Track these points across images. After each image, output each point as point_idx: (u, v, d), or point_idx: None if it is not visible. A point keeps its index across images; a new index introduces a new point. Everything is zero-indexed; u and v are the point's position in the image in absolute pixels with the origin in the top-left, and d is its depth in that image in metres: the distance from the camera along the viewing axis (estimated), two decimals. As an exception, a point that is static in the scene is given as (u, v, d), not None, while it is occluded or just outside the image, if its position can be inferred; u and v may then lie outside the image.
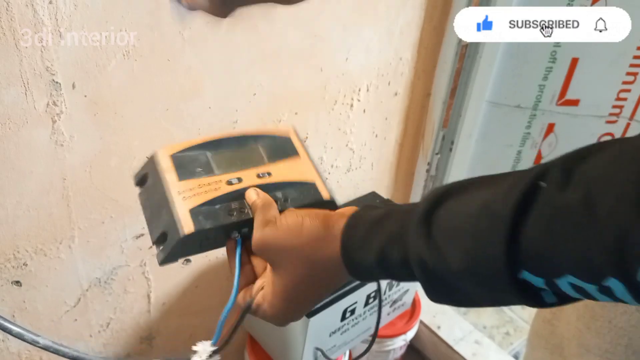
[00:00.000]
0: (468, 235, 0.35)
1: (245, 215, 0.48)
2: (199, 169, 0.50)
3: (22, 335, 0.45)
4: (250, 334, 1.16)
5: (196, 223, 0.46)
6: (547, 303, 0.34)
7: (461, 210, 0.36)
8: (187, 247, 0.47)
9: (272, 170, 0.52)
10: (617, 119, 1.23)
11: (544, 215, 0.31)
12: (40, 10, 0.65)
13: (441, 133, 1.31)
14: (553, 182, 0.32)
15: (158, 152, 0.52)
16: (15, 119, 0.70)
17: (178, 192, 0.48)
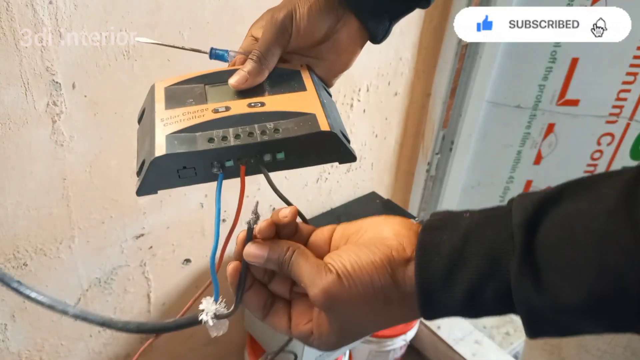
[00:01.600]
0: (590, 271, 0.29)
1: (227, 144, 0.42)
2: (190, 100, 0.47)
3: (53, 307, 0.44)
4: (250, 334, 1.16)
5: (169, 147, 0.42)
6: None
7: (571, 236, 0.30)
8: (163, 176, 0.43)
9: (268, 101, 0.47)
10: (617, 119, 1.23)
11: None
12: (40, 10, 0.65)
13: (441, 133, 1.31)
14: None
15: (156, 84, 0.50)
16: (15, 119, 0.70)
17: (161, 120, 0.45)
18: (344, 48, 0.52)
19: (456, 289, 0.34)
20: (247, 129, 0.43)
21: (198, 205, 0.97)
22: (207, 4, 0.80)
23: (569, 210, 0.31)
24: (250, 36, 0.52)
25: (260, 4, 0.86)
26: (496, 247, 0.33)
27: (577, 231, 0.30)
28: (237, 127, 0.44)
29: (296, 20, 0.48)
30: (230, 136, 0.43)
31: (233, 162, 0.43)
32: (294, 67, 0.51)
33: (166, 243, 0.97)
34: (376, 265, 0.37)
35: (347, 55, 0.53)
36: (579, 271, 0.30)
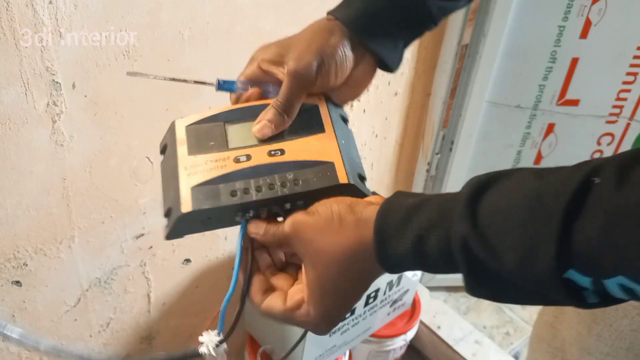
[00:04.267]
0: (517, 228, 0.33)
1: (249, 197, 0.45)
2: (212, 143, 0.48)
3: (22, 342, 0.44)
4: (250, 334, 1.16)
5: (195, 202, 0.44)
6: (588, 303, 0.33)
7: (509, 200, 0.34)
8: (189, 225, 0.46)
9: (287, 147, 0.48)
10: (617, 119, 1.23)
11: (600, 214, 0.30)
12: (40, 10, 0.65)
13: (441, 133, 1.31)
14: (608, 181, 0.30)
15: (176, 122, 0.51)
16: (15, 119, 0.70)
17: (185, 168, 0.46)
18: (357, 83, 0.54)
19: (407, 236, 0.38)
20: (267, 181, 0.46)
21: (198, 205, 0.97)
22: (207, 4, 0.80)
23: (514, 179, 0.35)
24: (258, 67, 0.52)
25: (260, 3, 0.86)
26: (448, 204, 0.37)
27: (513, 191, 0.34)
28: (259, 178, 0.46)
29: (322, 72, 0.49)
30: (252, 189, 0.45)
31: (254, 212, 0.46)
32: (312, 101, 0.51)
33: (166, 243, 0.97)
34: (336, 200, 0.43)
35: (359, 88, 0.55)
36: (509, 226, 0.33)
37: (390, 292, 1.14)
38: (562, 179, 0.33)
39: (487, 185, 0.36)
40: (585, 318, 0.73)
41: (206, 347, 0.45)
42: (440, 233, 0.37)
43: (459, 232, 0.35)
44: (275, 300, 0.45)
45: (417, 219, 0.38)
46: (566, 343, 0.77)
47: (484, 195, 0.36)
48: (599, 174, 0.31)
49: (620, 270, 0.29)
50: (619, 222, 0.29)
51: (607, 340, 0.70)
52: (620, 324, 0.69)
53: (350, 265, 0.42)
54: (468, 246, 0.35)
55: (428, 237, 0.37)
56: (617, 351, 0.69)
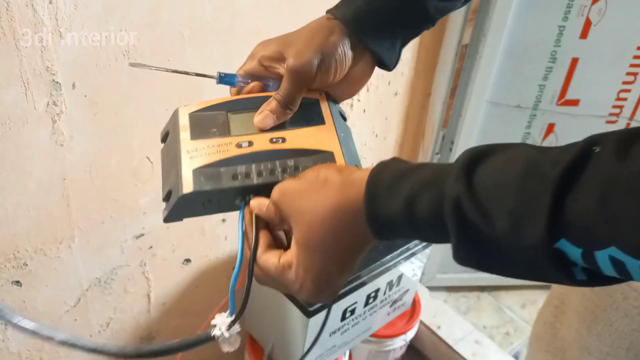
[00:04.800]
0: (511, 193, 0.33)
1: (250, 181, 0.45)
2: (214, 129, 0.49)
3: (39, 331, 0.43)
4: (250, 334, 1.16)
5: (196, 184, 0.45)
6: (576, 280, 0.33)
7: (506, 166, 0.34)
8: (189, 207, 0.46)
9: (289, 136, 0.49)
10: (617, 119, 1.23)
11: (597, 183, 0.30)
12: (40, 10, 0.65)
13: (441, 133, 1.31)
14: (608, 152, 0.30)
15: (179, 109, 0.51)
16: (15, 119, 0.70)
17: (187, 152, 0.47)
18: (356, 80, 0.54)
19: (398, 196, 0.38)
20: (268, 166, 0.46)
21: (198, 205, 0.97)
22: (207, 4, 0.80)
23: (513, 148, 0.35)
24: (258, 62, 0.52)
25: (260, 3, 0.86)
26: (443, 168, 0.37)
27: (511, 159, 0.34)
28: (260, 163, 0.46)
29: (322, 69, 0.49)
30: (253, 173, 0.46)
31: (254, 196, 0.46)
32: (313, 96, 0.52)
33: (166, 243, 0.97)
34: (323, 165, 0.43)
35: (358, 86, 0.55)
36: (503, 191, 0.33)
37: (390, 292, 1.14)
38: (561, 150, 0.33)
39: (485, 152, 0.36)
40: (586, 318, 0.73)
41: (219, 329, 0.44)
42: (433, 194, 0.36)
43: (452, 192, 0.35)
44: (272, 256, 0.45)
45: (411, 180, 0.38)
46: (566, 343, 0.77)
47: (482, 161, 0.35)
48: (599, 144, 0.31)
49: (612, 241, 0.29)
50: (617, 192, 0.29)
51: (607, 340, 0.70)
52: (621, 324, 0.69)
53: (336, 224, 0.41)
54: (460, 207, 0.34)
55: (420, 197, 0.37)
56: (617, 351, 0.69)
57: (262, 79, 0.53)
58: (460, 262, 0.37)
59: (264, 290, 1.03)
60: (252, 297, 0.46)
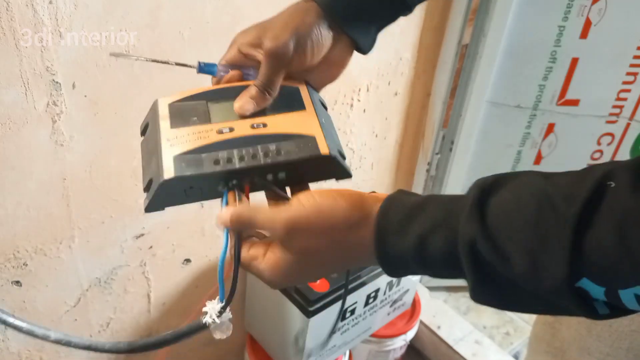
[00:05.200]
0: (528, 232, 0.31)
1: (232, 166, 0.45)
2: (194, 118, 0.48)
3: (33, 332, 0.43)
4: (250, 334, 1.16)
5: (177, 169, 0.44)
6: (599, 314, 0.32)
7: (518, 201, 0.33)
8: (171, 195, 0.45)
9: (270, 121, 0.48)
10: (617, 119, 1.23)
11: (615, 219, 0.29)
12: (40, 10, 0.65)
13: (441, 133, 1.31)
14: (623, 186, 0.29)
15: (159, 100, 0.51)
16: (15, 119, 0.70)
17: (167, 139, 0.46)
18: (335, 63, 0.54)
19: (409, 235, 0.37)
20: (250, 151, 0.46)
21: (198, 206, 0.97)
22: (207, 4, 0.80)
23: (522, 180, 0.34)
24: (238, 50, 0.52)
25: (260, 3, 0.86)
26: (454, 205, 0.36)
27: (522, 192, 0.33)
28: (241, 148, 0.46)
29: (299, 50, 0.49)
30: (235, 158, 0.45)
31: (237, 182, 0.46)
32: (293, 84, 0.52)
33: (166, 243, 0.97)
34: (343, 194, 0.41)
35: (337, 69, 0.55)
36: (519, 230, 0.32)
37: (390, 292, 1.14)
38: (572, 182, 0.31)
39: (494, 186, 0.35)
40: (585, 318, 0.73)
41: (210, 317, 0.44)
42: (446, 233, 0.35)
43: (466, 233, 0.34)
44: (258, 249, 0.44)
45: (421, 218, 0.37)
46: (566, 343, 0.77)
47: (492, 196, 0.34)
48: (613, 177, 0.30)
49: (637, 280, 0.28)
50: (636, 229, 0.28)
51: (606, 341, 0.70)
52: (620, 325, 0.69)
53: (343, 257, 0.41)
54: (476, 248, 0.33)
55: (432, 236, 0.36)
56: (616, 351, 0.69)
57: (242, 68, 0.53)
58: (479, 302, 0.36)
59: (264, 291, 1.03)
60: (252, 297, 0.45)
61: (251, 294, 1.10)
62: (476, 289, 0.35)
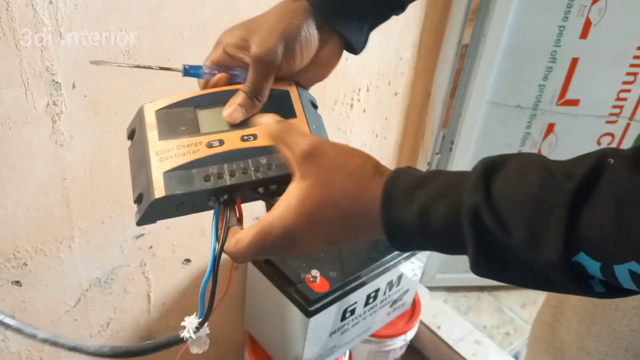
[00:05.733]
0: (529, 205, 0.32)
1: (223, 182, 0.44)
2: (183, 128, 0.47)
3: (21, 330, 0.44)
4: (250, 334, 1.16)
5: (167, 187, 0.43)
6: (595, 292, 0.32)
7: (521, 176, 0.34)
8: (162, 210, 0.45)
9: (260, 132, 0.47)
10: (617, 119, 1.23)
11: (613, 196, 0.29)
12: (40, 10, 0.65)
13: (441, 133, 1.31)
14: (622, 164, 0.30)
15: (145, 106, 0.50)
16: (15, 119, 0.70)
17: (156, 153, 0.46)
18: (325, 62, 0.53)
19: (414, 203, 0.37)
20: (241, 165, 0.45)
21: (198, 205, 0.97)
22: (207, 4, 0.80)
23: (528, 158, 0.35)
24: (223, 51, 0.51)
25: (260, 3, 0.86)
26: (459, 177, 0.37)
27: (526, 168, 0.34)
28: (232, 163, 0.46)
29: (287, 55, 0.48)
30: (226, 173, 0.45)
31: (228, 196, 0.46)
32: (282, 87, 0.51)
33: (166, 243, 0.97)
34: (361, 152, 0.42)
35: (327, 68, 0.54)
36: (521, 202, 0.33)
37: (390, 292, 1.14)
38: (574, 162, 0.33)
39: (500, 162, 0.36)
40: (584, 318, 0.73)
41: (187, 332, 0.45)
42: (449, 203, 0.36)
43: (470, 201, 0.34)
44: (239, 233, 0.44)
45: (427, 188, 0.37)
46: (565, 343, 0.77)
47: (498, 170, 0.35)
48: (614, 157, 0.31)
49: (631, 256, 0.29)
50: (633, 207, 0.29)
51: (605, 341, 0.70)
52: (619, 325, 0.69)
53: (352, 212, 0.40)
54: (478, 216, 0.34)
55: (436, 205, 0.36)
56: (615, 351, 0.69)
57: (229, 69, 0.51)
58: (477, 272, 0.36)
59: (264, 291, 1.03)
60: (252, 297, 0.46)
61: (251, 294, 1.10)
62: (476, 257, 0.35)
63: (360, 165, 0.41)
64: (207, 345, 0.45)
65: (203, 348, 0.45)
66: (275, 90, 0.50)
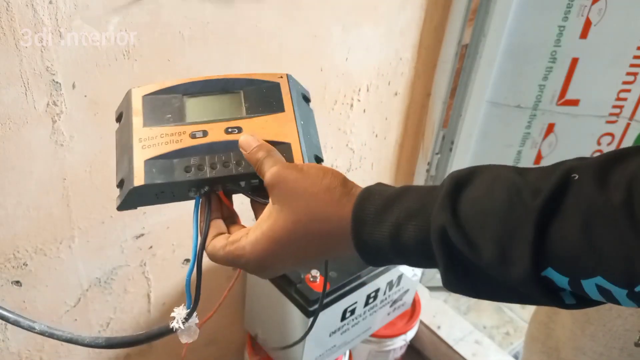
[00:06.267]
0: (496, 222, 0.33)
1: (203, 174, 0.44)
2: (168, 115, 0.47)
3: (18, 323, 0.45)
4: (250, 334, 1.16)
5: (147, 176, 0.44)
6: (566, 304, 0.33)
7: (489, 192, 0.34)
8: (142, 198, 0.45)
9: (245, 125, 0.47)
10: (617, 119, 1.23)
11: (578, 213, 0.30)
12: (40, 10, 0.65)
13: (441, 133, 1.31)
14: (587, 180, 0.30)
15: (132, 90, 0.49)
16: (15, 119, 0.70)
17: (139, 140, 0.46)
18: None
19: (384, 224, 0.37)
20: (222, 158, 0.45)
21: (198, 205, 0.97)
22: (207, 3, 0.80)
23: (495, 173, 0.35)
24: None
25: (260, 2, 0.86)
26: (428, 195, 0.37)
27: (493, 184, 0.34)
28: (214, 155, 0.45)
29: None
30: (207, 166, 0.45)
31: (209, 189, 0.46)
32: (273, 79, 0.51)
33: (166, 243, 0.97)
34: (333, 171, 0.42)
35: None
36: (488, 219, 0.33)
37: (390, 292, 1.14)
38: (540, 176, 0.33)
39: (467, 178, 0.36)
40: (579, 318, 0.73)
41: (176, 322, 0.46)
42: (419, 223, 0.36)
43: (438, 222, 0.35)
44: (220, 239, 0.45)
45: (397, 208, 0.37)
46: (560, 343, 0.77)
47: (465, 187, 0.35)
48: (578, 171, 0.31)
49: (597, 271, 0.29)
50: (598, 223, 0.29)
51: (600, 340, 0.70)
52: (614, 324, 0.69)
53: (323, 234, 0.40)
54: (447, 236, 0.34)
55: (406, 226, 0.37)
56: (610, 351, 0.70)
57: None
58: (450, 289, 0.37)
59: (264, 291, 1.03)
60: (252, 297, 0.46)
61: (251, 294, 1.10)
62: (448, 276, 0.36)
63: (326, 186, 0.41)
64: (197, 335, 0.46)
65: (193, 337, 0.46)
66: (265, 82, 0.50)
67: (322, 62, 1.00)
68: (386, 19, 1.05)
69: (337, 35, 0.99)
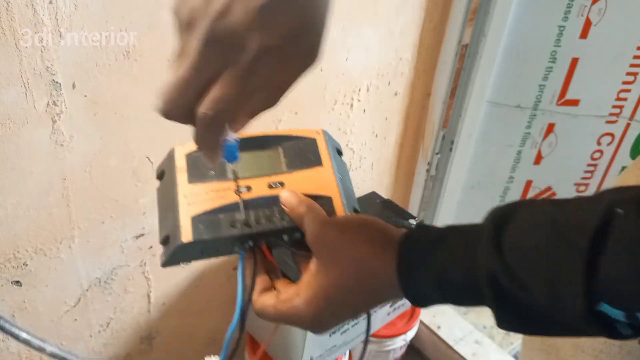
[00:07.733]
0: (544, 262, 0.33)
1: (248, 230, 0.45)
2: (212, 172, 0.48)
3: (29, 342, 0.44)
4: (250, 334, 1.16)
5: (195, 232, 0.44)
6: (623, 335, 0.33)
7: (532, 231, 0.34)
8: (187, 254, 0.46)
9: (287, 180, 0.49)
10: (617, 119, 1.23)
11: (626, 245, 0.30)
12: (40, 10, 0.65)
13: (441, 133, 1.31)
14: (632, 213, 0.30)
15: (175, 149, 0.51)
16: (15, 119, 0.70)
17: (184, 196, 0.47)
18: None
19: (430, 270, 0.38)
20: (267, 213, 0.46)
21: (198, 205, 0.97)
22: (207, 4, 0.80)
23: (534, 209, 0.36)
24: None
25: (260, 4, 0.86)
26: (471, 236, 0.37)
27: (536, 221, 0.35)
28: (258, 209, 0.46)
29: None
30: (252, 221, 0.46)
31: (253, 243, 0.46)
32: (310, 135, 0.52)
33: (166, 243, 0.97)
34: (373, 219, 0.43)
35: None
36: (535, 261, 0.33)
37: (390, 292, 1.14)
38: (582, 210, 0.33)
39: (508, 216, 0.36)
40: None
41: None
42: (466, 267, 0.37)
43: (486, 266, 0.35)
44: (269, 297, 0.46)
45: (441, 252, 0.38)
46: (559, 340, 0.77)
47: (507, 227, 0.36)
48: (621, 204, 0.31)
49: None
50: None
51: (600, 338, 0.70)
52: None
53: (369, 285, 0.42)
54: (497, 280, 0.35)
55: (453, 272, 0.37)
56: (610, 348, 0.70)
57: None
58: (504, 328, 0.37)
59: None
60: None
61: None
62: (501, 317, 0.37)
63: (367, 237, 0.42)
64: None
65: None
66: (302, 139, 0.51)
67: (322, 62, 1.00)
68: (386, 19, 1.05)
69: (337, 35, 0.99)
